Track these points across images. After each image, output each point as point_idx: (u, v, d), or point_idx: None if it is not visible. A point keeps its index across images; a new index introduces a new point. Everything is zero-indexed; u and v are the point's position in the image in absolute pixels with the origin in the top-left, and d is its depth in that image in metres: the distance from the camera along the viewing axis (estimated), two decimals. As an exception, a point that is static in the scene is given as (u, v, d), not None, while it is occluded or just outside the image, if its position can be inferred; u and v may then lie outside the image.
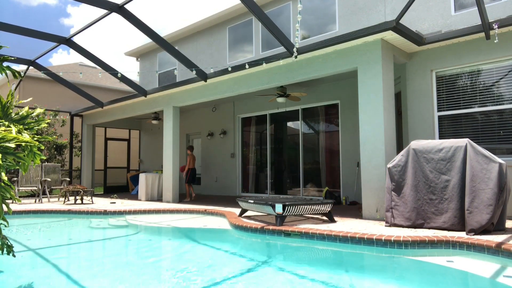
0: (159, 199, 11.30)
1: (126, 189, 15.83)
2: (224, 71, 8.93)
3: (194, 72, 8.98)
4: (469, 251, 4.31)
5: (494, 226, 4.92)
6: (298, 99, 9.80)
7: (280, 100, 9.51)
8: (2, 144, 3.02)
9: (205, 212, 7.96)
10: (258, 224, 5.85)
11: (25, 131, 3.42)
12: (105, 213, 8.26)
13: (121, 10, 7.83)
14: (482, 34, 6.42)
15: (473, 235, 4.76)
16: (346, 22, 9.84)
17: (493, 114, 6.72)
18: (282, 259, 4.89)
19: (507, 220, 5.58)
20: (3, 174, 2.96)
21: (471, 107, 6.91)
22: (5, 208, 3.34)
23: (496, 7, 7.25)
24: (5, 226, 3.48)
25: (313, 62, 7.55)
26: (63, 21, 65.61)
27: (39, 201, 10.60)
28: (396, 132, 7.18)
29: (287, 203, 5.77)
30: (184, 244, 6.09)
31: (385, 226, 5.62)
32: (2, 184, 3.14)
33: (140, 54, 16.46)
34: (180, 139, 11.59)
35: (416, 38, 6.80)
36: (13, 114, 3.66)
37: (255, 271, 4.18)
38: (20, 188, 10.68)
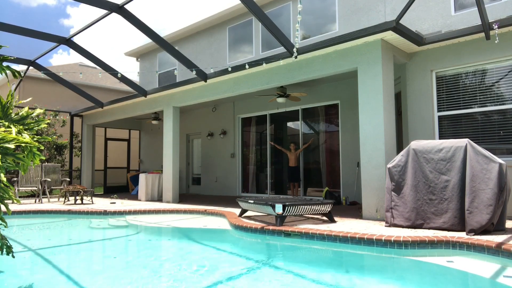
0: (159, 199, 11.30)
1: (126, 189, 15.83)
2: (224, 71, 8.92)
3: (194, 72, 8.98)
4: (469, 251, 4.31)
5: (494, 226, 4.92)
6: (298, 99, 9.80)
7: (280, 100, 9.50)
8: (1, 145, 3.02)
9: (205, 212, 7.95)
10: (258, 224, 5.84)
11: (25, 132, 3.42)
12: (105, 213, 8.26)
13: (121, 10, 7.83)
14: (482, 34, 6.41)
15: (473, 235, 4.76)
16: (346, 22, 9.84)
17: (493, 114, 6.72)
18: (282, 259, 4.89)
19: (507, 220, 5.58)
20: (2, 175, 2.95)
21: (471, 107, 6.91)
22: (4, 208, 3.34)
23: (496, 7, 7.24)
24: (5, 226, 3.48)
25: (313, 62, 7.55)
26: (63, 22, 65.58)
27: (39, 201, 10.60)
28: (396, 132, 7.17)
29: (287, 203, 5.77)
30: (184, 244, 6.09)
31: (385, 226, 5.62)
32: (2, 185, 3.14)
33: (140, 54, 16.45)
34: (180, 139, 11.58)
35: (416, 38, 6.80)
36: (13, 115, 3.66)
37: (255, 271, 4.18)
38: (20, 188, 10.68)
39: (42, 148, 3.28)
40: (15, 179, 10.56)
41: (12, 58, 3.64)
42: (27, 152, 3.17)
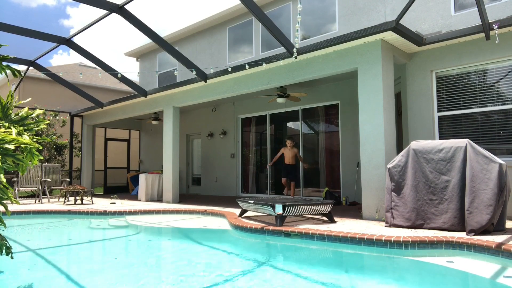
0: (159, 199, 11.29)
1: (126, 190, 15.83)
2: (224, 72, 8.92)
3: (194, 72, 8.98)
4: (469, 251, 4.31)
5: (494, 227, 4.92)
6: (298, 100, 9.79)
7: (280, 100, 9.50)
8: (1, 145, 3.01)
9: (205, 213, 7.95)
10: (258, 225, 5.84)
11: (25, 132, 3.42)
12: (105, 213, 8.26)
13: (121, 10, 7.83)
14: (482, 35, 6.41)
15: (473, 235, 4.76)
16: (346, 23, 9.83)
17: (493, 115, 6.71)
18: (282, 259, 4.89)
19: (507, 221, 5.58)
20: (2, 175, 2.95)
21: (471, 108, 6.91)
22: (3, 209, 3.34)
23: (496, 7, 7.24)
24: (4, 227, 3.47)
25: (313, 63, 7.54)
26: (63, 22, 65.65)
27: (39, 201, 10.59)
28: (396, 132, 7.17)
29: (287, 204, 5.77)
30: (184, 245, 6.09)
31: (385, 226, 5.62)
32: (1, 186, 3.14)
33: (140, 55, 16.45)
34: (180, 139, 11.58)
35: (416, 38, 6.80)
36: (12, 115, 3.66)
37: (255, 271, 4.18)
38: (20, 188, 10.68)
39: (41, 148, 3.27)
40: (15, 179, 10.56)
41: (12, 57, 3.63)
42: (26, 153, 3.17)
